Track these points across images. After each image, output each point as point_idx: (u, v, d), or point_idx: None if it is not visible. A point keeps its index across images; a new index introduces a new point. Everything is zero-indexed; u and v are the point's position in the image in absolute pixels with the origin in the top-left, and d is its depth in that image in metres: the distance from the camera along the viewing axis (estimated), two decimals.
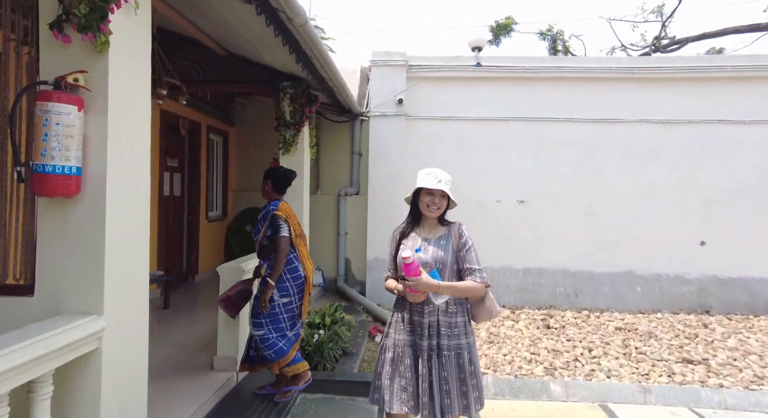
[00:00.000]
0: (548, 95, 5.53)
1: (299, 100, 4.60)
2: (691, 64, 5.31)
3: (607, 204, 5.47)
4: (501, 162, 5.57)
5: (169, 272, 5.14)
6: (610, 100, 5.47)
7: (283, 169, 3.04)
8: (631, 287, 5.42)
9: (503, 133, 5.57)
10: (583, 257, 5.47)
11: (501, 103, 5.56)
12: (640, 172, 5.44)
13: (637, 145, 5.45)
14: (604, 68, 5.41)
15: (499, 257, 5.53)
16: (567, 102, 5.52)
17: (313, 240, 6.23)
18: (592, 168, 5.49)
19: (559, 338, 4.27)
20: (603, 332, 4.42)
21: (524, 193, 5.55)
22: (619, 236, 5.44)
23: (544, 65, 5.49)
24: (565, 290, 5.50)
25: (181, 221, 5.82)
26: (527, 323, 4.70)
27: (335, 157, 6.29)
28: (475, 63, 5.49)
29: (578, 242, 5.48)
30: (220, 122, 6.55)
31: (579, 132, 5.51)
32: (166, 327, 3.90)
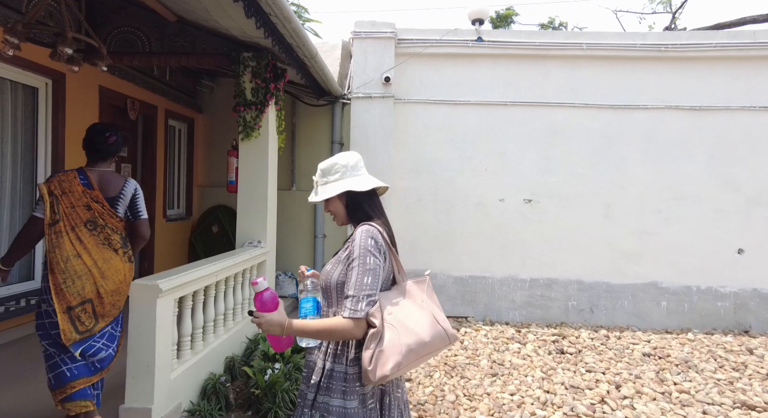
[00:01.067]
0: (560, 77, 4.74)
1: (263, 75, 3.79)
2: (729, 41, 4.53)
3: (628, 205, 4.69)
4: (504, 154, 4.77)
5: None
6: (633, 83, 4.69)
7: (99, 126, 2.24)
8: (656, 301, 4.64)
9: (507, 121, 4.77)
10: (599, 266, 4.69)
11: (505, 85, 4.77)
12: (668, 167, 4.66)
13: (664, 137, 4.67)
14: (627, 45, 4.62)
15: (501, 266, 4.73)
16: (582, 85, 4.73)
17: (287, 243, 5.45)
18: (610, 163, 4.71)
19: (576, 367, 3.48)
20: (629, 360, 3.64)
21: (531, 192, 4.76)
22: (642, 242, 4.66)
23: (556, 41, 4.69)
24: (579, 304, 4.72)
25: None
26: (536, 347, 3.91)
27: (313, 147, 5.47)
28: (476, 37, 4.69)
29: (594, 248, 4.69)
30: (182, 107, 5.71)
31: (596, 120, 4.73)
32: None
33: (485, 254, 4.73)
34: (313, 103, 5.17)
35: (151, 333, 2.25)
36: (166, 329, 2.36)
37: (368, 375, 1.27)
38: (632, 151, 4.70)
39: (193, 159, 5.96)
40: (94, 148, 2.16)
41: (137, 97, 4.79)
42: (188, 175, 5.94)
